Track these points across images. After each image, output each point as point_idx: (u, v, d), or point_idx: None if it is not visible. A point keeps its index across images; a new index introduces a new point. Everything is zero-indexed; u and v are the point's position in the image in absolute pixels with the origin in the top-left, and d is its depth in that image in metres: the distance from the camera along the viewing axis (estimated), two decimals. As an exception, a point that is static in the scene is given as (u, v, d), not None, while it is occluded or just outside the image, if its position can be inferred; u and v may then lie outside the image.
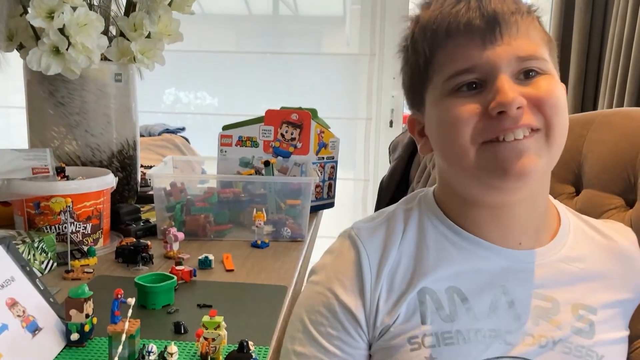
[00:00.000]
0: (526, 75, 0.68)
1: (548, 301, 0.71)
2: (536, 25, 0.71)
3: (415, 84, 0.75)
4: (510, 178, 0.66)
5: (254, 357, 0.74)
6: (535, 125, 0.66)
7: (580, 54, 2.57)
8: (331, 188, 1.66)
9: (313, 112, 1.57)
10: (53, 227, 1.16)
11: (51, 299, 0.84)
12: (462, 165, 0.70)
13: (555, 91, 0.68)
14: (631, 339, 0.79)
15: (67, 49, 1.22)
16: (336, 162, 1.64)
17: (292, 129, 1.51)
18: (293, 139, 1.51)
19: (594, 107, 2.60)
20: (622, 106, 2.34)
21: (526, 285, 0.72)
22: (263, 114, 1.52)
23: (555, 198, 0.97)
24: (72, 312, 0.79)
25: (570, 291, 0.72)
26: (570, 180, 0.97)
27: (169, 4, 1.38)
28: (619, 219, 0.86)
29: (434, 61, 0.71)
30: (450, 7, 0.69)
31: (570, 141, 0.97)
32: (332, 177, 1.65)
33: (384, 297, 0.71)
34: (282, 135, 1.51)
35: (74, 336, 0.79)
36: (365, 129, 3.01)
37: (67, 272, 1.08)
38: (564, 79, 2.66)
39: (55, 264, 1.12)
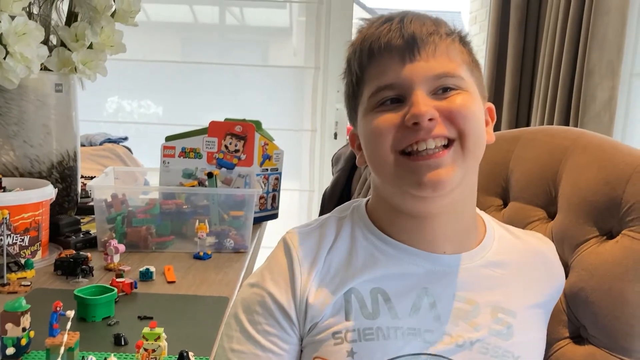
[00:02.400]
0: (444, 90, 0.73)
1: (469, 304, 0.76)
2: (457, 47, 0.76)
3: (350, 101, 0.82)
4: (426, 188, 0.71)
5: (194, 367, 0.75)
6: (448, 134, 0.72)
7: (514, 72, 2.69)
8: (275, 199, 1.68)
9: (257, 124, 1.59)
10: (-12, 240, 1.13)
11: (-14, 313, 0.82)
12: (385, 175, 0.75)
13: (468, 105, 0.74)
14: (550, 343, 0.85)
15: (4, 58, 1.20)
16: (280, 173, 1.66)
17: (236, 140, 1.53)
18: (237, 151, 1.53)
19: (528, 123, 2.72)
20: (553, 121, 2.46)
21: (448, 288, 0.76)
22: (207, 124, 1.53)
23: (484, 210, 1.03)
24: (8, 325, 0.78)
25: (491, 295, 0.77)
26: (498, 193, 1.03)
27: (112, 15, 1.38)
28: (542, 230, 0.92)
29: (363, 79, 0.77)
30: (375, 29, 0.76)
31: (499, 156, 1.04)
32: (276, 188, 1.68)
33: (312, 296, 0.75)
34: (226, 147, 1.52)
35: (10, 350, 0.78)
36: (310, 140, 3.05)
37: (3, 285, 1.06)
38: (500, 96, 2.78)
39: (-10, 277, 1.09)
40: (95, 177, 1.68)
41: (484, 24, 3.11)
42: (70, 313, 0.75)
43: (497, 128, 2.95)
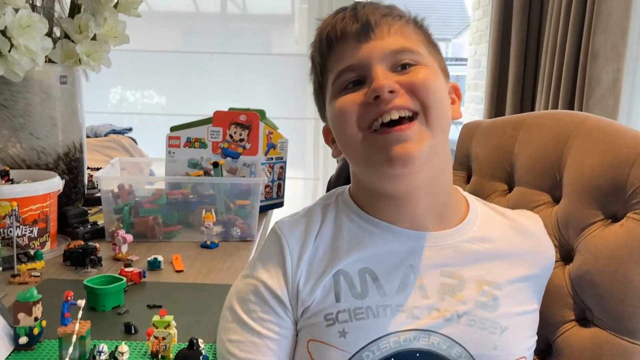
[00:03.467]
0: (403, 67, 0.75)
1: (454, 278, 0.78)
2: (411, 28, 0.79)
3: (318, 95, 0.84)
4: (396, 165, 0.72)
5: (203, 354, 0.76)
6: (411, 106, 0.73)
7: (518, 57, 2.68)
8: (280, 188, 1.69)
9: (261, 113, 1.59)
10: (-2, 232, 1.15)
11: (-2, 304, 0.84)
12: (356, 155, 0.77)
13: (430, 78, 0.75)
14: (556, 325, 0.86)
15: (9, 51, 1.20)
16: (285, 162, 1.67)
17: (241, 130, 1.53)
18: (242, 140, 1.54)
19: (532, 107, 2.72)
20: (558, 105, 2.46)
21: (433, 264, 0.78)
22: (211, 113, 1.53)
23: (489, 195, 1.04)
24: (21, 315, 0.79)
25: (476, 269, 0.79)
26: (503, 178, 1.03)
27: (115, 6, 1.38)
28: (547, 215, 0.93)
29: (325, 69, 0.80)
30: (330, 20, 0.79)
31: (503, 141, 1.04)
32: (281, 177, 1.68)
33: (303, 281, 0.77)
34: (231, 137, 1.53)
35: (23, 339, 0.79)
36: (314, 128, 3.05)
37: (14, 276, 1.07)
38: (504, 80, 2.77)
39: (0, 269, 1.11)
40: (101, 168, 1.69)
41: (487, 8, 3.10)
42: (81, 302, 0.76)
43: (501, 113, 2.97)
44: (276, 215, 1.72)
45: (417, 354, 0.73)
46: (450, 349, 0.73)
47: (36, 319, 0.80)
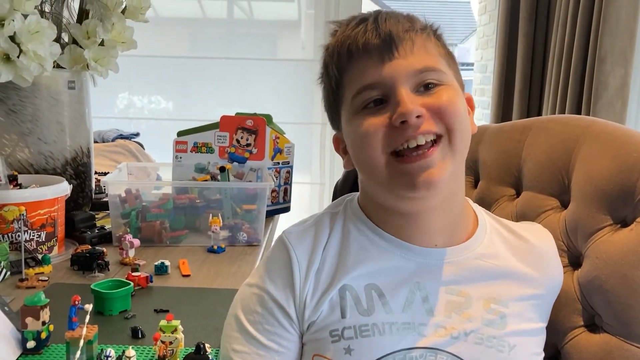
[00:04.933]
0: (426, 87, 0.74)
1: (461, 296, 0.76)
2: (432, 40, 0.77)
3: (331, 105, 0.82)
4: (420, 190, 0.72)
5: (210, 358, 0.76)
6: (436, 130, 0.72)
7: (525, 61, 2.67)
8: (287, 193, 1.69)
9: (268, 118, 1.59)
10: (6, 236, 1.15)
11: (6, 308, 0.84)
12: (376, 178, 0.75)
13: (454, 100, 0.74)
14: (564, 331, 0.85)
15: (18, 57, 1.21)
16: (291, 167, 1.67)
17: (248, 134, 1.54)
18: (248, 145, 1.54)
19: (539, 112, 2.71)
20: (565, 110, 2.45)
21: (440, 281, 0.77)
22: (218, 118, 1.53)
23: (497, 200, 1.04)
24: (28, 320, 0.80)
25: (483, 287, 0.78)
26: (511, 183, 1.03)
27: (123, 12, 1.39)
28: (555, 219, 0.92)
29: (342, 82, 0.77)
30: (350, 31, 0.76)
31: (511, 146, 1.04)
32: (288, 181, 1.68)
33: (310, 295, 0.76)
34: (238, 141, 1.53)
35: (30, 344, 0.80)
36: (320, 133, 3.05)
37: (21, 280, 1.08)
38: (510, 85, 2.77)
39: (8, 273, 1.11)
40: (108, 173, 1.70)
41: (493, 13, 3.10)
42: (89, 307, 0.76)
43: (508, 118, 2.96)
44: (282, 219, 1.72)
45: None
46: None
47: (44, 323, 0.80)
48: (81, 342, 0.74)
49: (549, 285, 0.83)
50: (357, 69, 0.75)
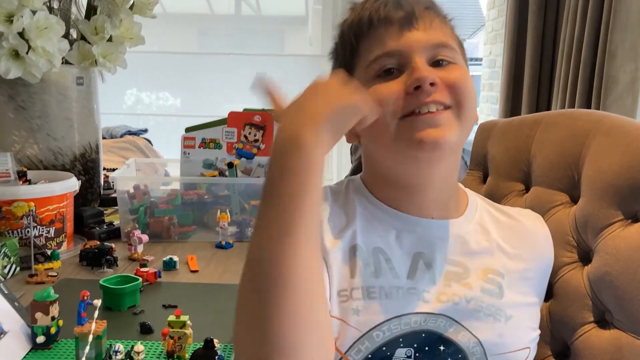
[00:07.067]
0: (438, 63, 0.75)
1: (459, 267, 0.78)
2: (448, 25, 0.80)
3: (347, 70, 0.82)
4: (426, 147, 0.72)
5: (219, 354, 0.76)
6: (447, 102, 0.74)
7: (534, 56, 2.65)
8: (294, 188, 1.69)
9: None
10: (15, 232, 1.16)
11: (16, 303, 0.84)
12: (384, 140, 0.76)
13: (465, 77, 0.76)
14: (574, 327, 0.84)
15: (27, 53, 1.22)
16: (299, 162, 1.66)
17: (255, 130, 1.54)
18: (256, 141, 1.54)
19: (548, 107, 2.69)
20: (574, 105, 2.43)
21: (440, 252, 0.78)
22: (226, 114, 1.53)
23: (506, 195, 1.03)
24: (38, 315, 0.80)
25: (479, 259, 0.79)
26: (520, 178, 1.02)
27: (131, 8, 1.39)
28: (565, 215, 0.92)
29: (358, 50, 0.78)
30: (372, 3, 0.78)
31: (520, 141, 1.03)
32: (295, 177, 1.68)
33: (326, 240, 0.75)
34: (245, 137, 1.53)
35: (40, 339, 0.80)
36: (328, 129, 3.05)
37: (31, 276, 1.08)
38: (519, 80, 2.75)
39: (18, 269, 1.12)
40: (116, 169, 1.70)
41: (502, 7, 3.08)
42: (98, 302, 0.76)
43: (517, 113, 2.95)
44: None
45: (424, 335, 0.73)
46: (457, 333, 0.74)
47: (53, 318, 0.81)
48: (90, 337, 0.74)
49: (539, 263, 0.85)
50: (377, 37, 0.76)
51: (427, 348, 0.73)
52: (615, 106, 2.26)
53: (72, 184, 1.25)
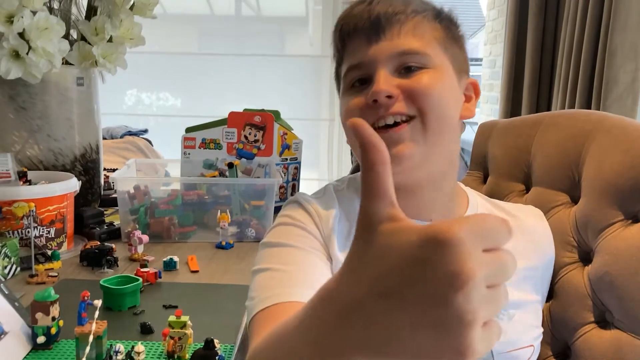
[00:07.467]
0: (407, 69, 0.74)
1: None
2: (427, 24, 0.77)
3: (337, 81, 0.85)
4: None
5: (219, 354, 0.76)
6: (407, 112, 0.73)
7: (534, 56, 2.65)
8: (295, 189, 1.69)
9: (276, 114, 1.59)
10: (16, 232, 1.16)
11: (16, 303, 0.84)
12: (356, 153, 0.77)
13: (433, 83, 0.74)
14: (575, 327, 0.84)
15: (27, 53, 1.22)
16: (299, 163, 1.67)
17: (256, 131, 1.54)
18: (256, 141, 1.54)
19: (549, 107, 2.69)
20: (574, 105, 2.43)
21: None
22: (226, 115, 1.54)
23: (506, 195, 1.03)
24: (38, 315, 0.80)
25: None
26: (521, 179, 1.02)
27: (131, 8, 1.39)
28: (565, 215, 0.92)
29: (341, 60, 0.80)
30: (349, 11, 0.79)
31: (520, 141, 1.03)
32: (296, 177, 1.68)
33: (335, 249, 0.76)
34: (246, 137, 1.53)
35: (41, 339, 0.80)
36: (328, 129, 3.05)
37: (31, 276, 1.08)
38: (520, 80, 2.75)
39: (18, 269, 1.12)
40: (117, 169, 1.70)
41: (502, 8, 3.08)
42: (98, 302, 0.76)
43: (517, 113, 2.94)
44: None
45: None
46: None
47: (53, 318, 0.81)
48: (90, 338, 0.74)
49: (541, 259, 0.85)
50: (349, 48, 0.78)
51: None
52: (616, 106, 2.25)
53: (72, 185, 1.25)
